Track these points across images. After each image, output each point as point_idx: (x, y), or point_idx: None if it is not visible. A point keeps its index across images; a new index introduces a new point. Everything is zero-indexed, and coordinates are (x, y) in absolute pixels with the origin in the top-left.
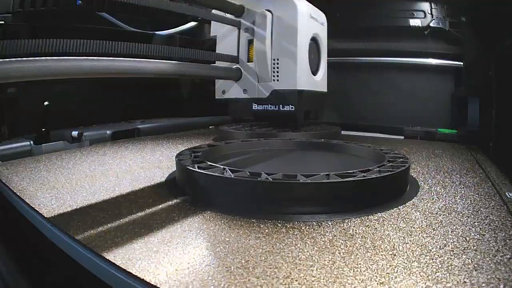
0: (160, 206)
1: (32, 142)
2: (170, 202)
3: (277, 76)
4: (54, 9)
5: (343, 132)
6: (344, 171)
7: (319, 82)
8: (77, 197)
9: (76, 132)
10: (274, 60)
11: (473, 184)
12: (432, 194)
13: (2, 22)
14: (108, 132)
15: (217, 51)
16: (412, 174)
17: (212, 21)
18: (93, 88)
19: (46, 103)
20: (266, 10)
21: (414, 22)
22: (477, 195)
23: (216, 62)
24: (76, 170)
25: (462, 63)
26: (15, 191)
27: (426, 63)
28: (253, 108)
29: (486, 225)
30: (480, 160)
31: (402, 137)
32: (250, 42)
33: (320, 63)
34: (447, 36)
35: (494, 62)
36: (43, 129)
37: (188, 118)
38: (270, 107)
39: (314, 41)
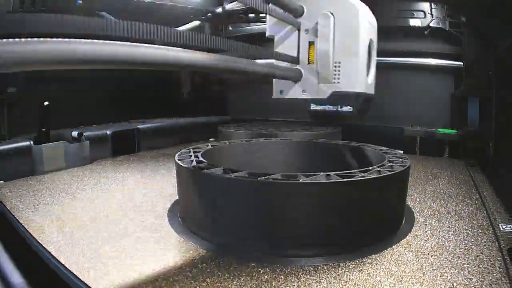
0: (161, 244)
1: (32, 142)
2: (171, 239)
3: (338, 78)
4: (54, 9)
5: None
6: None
7: (370, 84)
8: (83, 232)
9: (76, 132)
10: (336, 63)
11: (468, 215)
12: (426, 230)
13: None
14: (108, 132)
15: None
16: (409, 203)
17: (268, 22)
18: (94, 88)
19: (46, 103)
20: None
21: (414, 22)
22: (470, 229)
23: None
24: (80, 196)
25: (462, 63)
26: (21, 222)
27: (426, 63)
28: (311, 107)
29: (475, 266)
30: (478, 180)
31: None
32: (310, 44)
33: (370, 66)
34: (447, 36)
35: (494, 62)
36: (43, 129)
37: (188, 118)
38: (329, 108)
39: (369, 44)
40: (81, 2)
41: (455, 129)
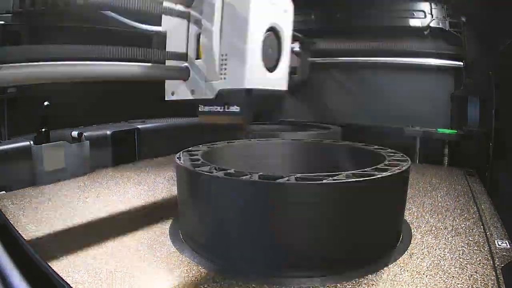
0: (163, 263)
1: (32, 142)
2: (172, 258)
3: (225, 74)
4: (54, 9)
5: None
6: None
7: (275, 79)
8: (88, 250)
9: (76, 132)
10: (222, 55)
11: (465, 230)
12: (423, 247)
13: (2, 22)
14: (108, 132)
15: (166, 49)
16: (407, 218)
17: (163, 16)
18: (93, 88)
19: (46, 103)
20: None
21: (414, 22)
22: (466, 246)
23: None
24: (82, 209)
25: (462, 63)
26: (25, 238)
27: (426, 63)
28: (200, 109)
29: (468, 286)
30: (476, 192)
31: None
32: (198, 36)
33: (280, 57)
34: (447, 36)
35: (494, 62)
36: (43, 129)
37: (188, 118)
38: (216, 108)
39: (274, 31)
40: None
41: (455, 129)
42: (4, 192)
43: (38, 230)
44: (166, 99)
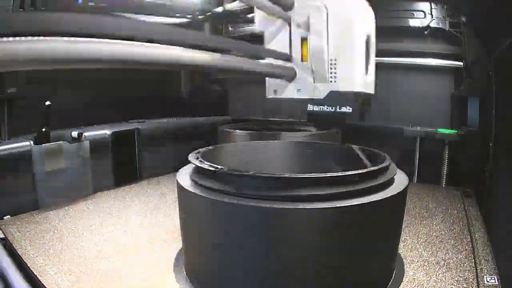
0: None
1: (32, 142)
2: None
3: (335, 76)
4: (55, 9)
5: None
6: None
7: (369, 83)
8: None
9: (76, 132)
10: (331, 60)
11: (456, 265)
12: (414, 286)
13: None
14: (108, 132)
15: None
16: (400, 252)
17: (256, 17)
18: (93, 88)
19: (47, 103)
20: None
21: (414, 22)
22: (455, 283)
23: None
24: (87, 239)
25: (462, 63)
26: (36, 274)
27: (426, 63)
28: (309, 108)
29: None
30: (471, 217)
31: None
32: (303, 40)
33: (369, 63)
34: (447, 36)
35: (494, 62)
36: (43, 129)
37: (188, 118)
38: (327, 108)
39: (366, 40)
40: (81, 1)
41: (455, 129)
42: (9, 216)
43: (47, 264)
44: (267, 97)
